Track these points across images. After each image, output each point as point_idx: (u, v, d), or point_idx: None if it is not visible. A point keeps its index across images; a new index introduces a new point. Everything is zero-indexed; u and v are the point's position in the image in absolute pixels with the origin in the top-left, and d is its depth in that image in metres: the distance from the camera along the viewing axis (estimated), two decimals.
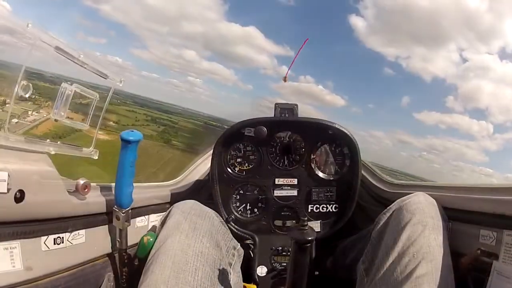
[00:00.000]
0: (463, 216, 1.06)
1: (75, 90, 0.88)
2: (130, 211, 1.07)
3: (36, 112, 0.91)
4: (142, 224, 1.23)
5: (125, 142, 1.03)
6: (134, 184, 1.26)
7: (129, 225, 1.08)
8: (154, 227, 1.26)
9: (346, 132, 1.42)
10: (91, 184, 1.00)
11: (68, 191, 0.92)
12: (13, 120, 0.88)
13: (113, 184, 1.09)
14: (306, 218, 0.85)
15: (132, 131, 1.05)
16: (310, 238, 0.81)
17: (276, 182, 1.48)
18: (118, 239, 1.08)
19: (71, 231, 0.94)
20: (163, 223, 1.09)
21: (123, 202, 1.05)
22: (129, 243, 1.14)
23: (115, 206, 1.06)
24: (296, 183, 1.48)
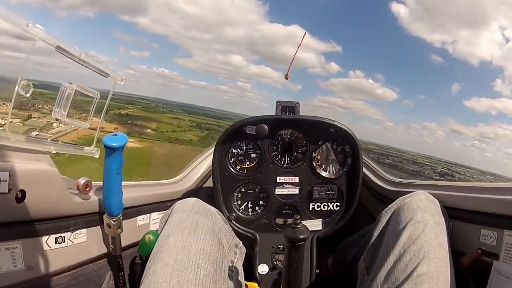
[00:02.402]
0: (464, 216, 1.06)
1: (75, 89, 0.87)
2: (121, 217, 1.04)
3: (64, 124, 0.90)
4: (143, 222, 1.23)
5: (109, 149, 0.94)
6: (135, 182, 1.26)
7: (122, 231, 1.05)
8: (155, 226, 1.26)
9: (347, 130, 1.42)
10: (92, 183, 0.99)
11: (69, 190, 0.91)
12: (32, 133, 0.87)
13: None
14: (299, 217, 0.86)
15: (116, 134, 0.97)
16: (302, 237, 0.82)
17: (278, 180, 1.48)
18: (112, 246, 1.06)
19: (72, 230, 0.94)
20: (165, 221, 1.08)
21: (112, 211, 1.01)
22: (130, 242, 1.14)
23: (105, 215, 1.02)
24: (297, 181, 1.48)
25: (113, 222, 1.02)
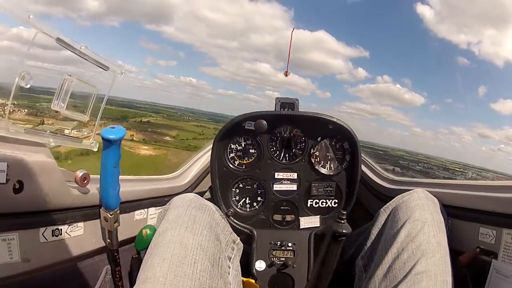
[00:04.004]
0: (463, 214, 1.06)
1: (75, 82, 0.87)
2: (118, 211, 1.03)
3: (77, 131, 0.89)
4: (141, 217, 1.22)
5: (107, 141, 0.92)
6: (133, 176, 1.25)
7: (119, 225, 1.05)
8: (153, 221, 1.26)
9: (346, 127, 1.41)
10: (90, 176, 0.99)
11: (67, 183, 0.91)
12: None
13: None
14: (344, 212, 0.85)
15: (113, 127, 0.95)
16: (346, 231, 0.82)
17: (276, 176, 1.47)
18: (109, 240, 1.05)
19: (69, 223, 0.93)
20: (162, 216, 1.08)
21: (109, 204, 1.01)
22: (128, 236, 1.14)
23: (102, 208, 1.01)
24: (296, 177, 1.48)
25: (110, 216, 1.01)
